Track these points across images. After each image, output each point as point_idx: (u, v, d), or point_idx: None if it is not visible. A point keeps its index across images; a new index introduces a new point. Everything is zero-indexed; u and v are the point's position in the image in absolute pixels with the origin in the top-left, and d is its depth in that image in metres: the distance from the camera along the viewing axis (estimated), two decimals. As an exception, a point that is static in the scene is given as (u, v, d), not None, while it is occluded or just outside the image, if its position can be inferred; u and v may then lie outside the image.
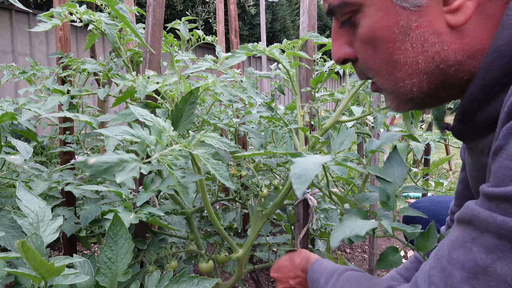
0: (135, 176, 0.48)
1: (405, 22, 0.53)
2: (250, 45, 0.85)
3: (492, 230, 0.43)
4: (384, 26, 0.55)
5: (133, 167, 0.49)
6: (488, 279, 0.44)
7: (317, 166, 0.53)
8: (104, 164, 0.46)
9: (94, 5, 1.15)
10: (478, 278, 0.45)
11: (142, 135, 0.57)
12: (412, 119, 0.89)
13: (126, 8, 0.91)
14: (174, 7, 8.75)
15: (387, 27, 0.54)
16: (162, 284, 0.80)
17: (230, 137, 1.93)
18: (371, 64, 0.59)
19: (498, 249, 0.43)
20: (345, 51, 0.62)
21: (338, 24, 0.62)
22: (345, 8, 0.58)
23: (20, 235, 0.85)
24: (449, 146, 3.49)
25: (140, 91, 0.92)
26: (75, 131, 1.49)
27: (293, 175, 0.51)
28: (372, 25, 0.56)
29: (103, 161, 0.46)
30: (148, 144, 0.56)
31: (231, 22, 2.14)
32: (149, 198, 0.87)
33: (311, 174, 0.51)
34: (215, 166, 0.68)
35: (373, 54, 0.58)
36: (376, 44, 0.56)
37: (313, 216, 1.12)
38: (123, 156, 0.49)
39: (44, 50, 6.14)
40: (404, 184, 0.77)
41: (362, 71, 0.62)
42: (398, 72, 0.56)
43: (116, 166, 0.47)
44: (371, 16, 0.56)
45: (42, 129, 4.24)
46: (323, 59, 1.48)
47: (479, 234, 0.45)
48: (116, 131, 0.55)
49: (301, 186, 0.50)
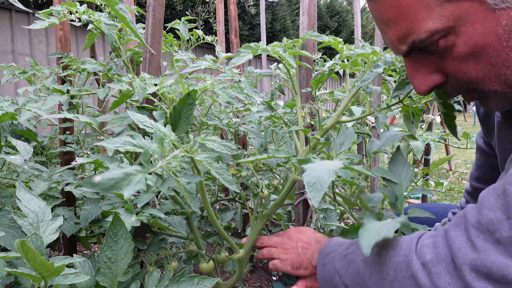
0: (143, 188, 0.48)
1: (507, 20, 0.55)
2: (253, 44, 0.85)
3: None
4: (486, 32, 0.56)
5: (139, 179, 0.48)
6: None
7: (331, 173, 0.53)
8: (110, 181, 0.45)
9: (94, 5, 1.15)
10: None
11: (144, 145, 0.56)
12: (413, 119, 0.89)
13: (125, 8, 0.91)
14: (174, 7, 8.74)
15: (490, 32, 0.56)
16: (162, 283, 0.80)
17: (230, 137, 1.93)
18: (474, 75, 0.60)
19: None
20: (432, 79, 0.63)
21: (415, 56, 0.62)
22: (432, 37, 0.58)
23: (20, 235, 0.85)
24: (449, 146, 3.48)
25: (139, 93, 0.92)
26: (75, 131, 1.49)
27: (306, 183, 0.50)
28: (472, 38, 0.57)
29: (109, 177, 0.45)
30: (151, 154, 0.55)
31: (231, 22, 2.14)
32: (149, 199, 0.87)
33: (326, 182, 0.51)
34: (218, 171, 0.68)
35: (475, 65, 0.59)
36: (479, 53, 0.57)
37: (313, 216, 1.12)
38: (127, 169, 0.48)
39: (44, 50, 6.14)
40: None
41: (458, 87, 0.63)
42: (507, 70, 0.58)
43: (122, 180, 0.46)
44: (468, 31, 0.57)
45: (42, 129, 4.24)
46: (323, 59, 1.48)
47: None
48: (117, 143, 0.55)
49: (316, 194, 0.50)
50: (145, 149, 0.55)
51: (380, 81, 1.44)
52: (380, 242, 0.67)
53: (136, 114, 0.69)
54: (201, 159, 0.67)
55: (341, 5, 15.03)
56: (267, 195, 1.14)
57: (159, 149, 0.58)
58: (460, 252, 0.55)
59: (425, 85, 0.63)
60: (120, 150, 0.91)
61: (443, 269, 0.57)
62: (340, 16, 14.82)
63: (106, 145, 0.53)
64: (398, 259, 0.63)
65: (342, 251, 0.78)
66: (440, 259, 0.58)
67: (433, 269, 0.58)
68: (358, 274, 0.70)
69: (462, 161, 5.79)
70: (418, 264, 0.60)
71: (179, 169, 0.59)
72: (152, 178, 0.50)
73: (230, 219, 1.66)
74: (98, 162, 0.92)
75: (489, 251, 0.52)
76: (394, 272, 0.63)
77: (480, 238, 0.54)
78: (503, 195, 0.53)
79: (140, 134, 0.93)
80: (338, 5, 14.89)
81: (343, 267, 0.75)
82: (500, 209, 0.52)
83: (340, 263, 0.76)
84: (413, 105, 0.89)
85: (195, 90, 0.86)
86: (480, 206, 0.56)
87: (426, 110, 2.31)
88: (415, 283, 0.59)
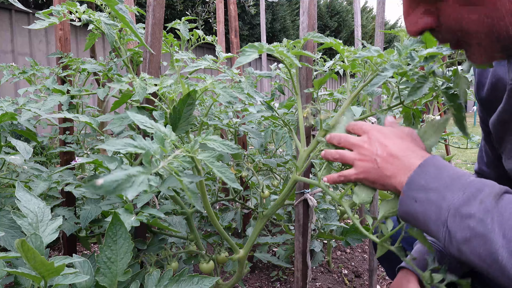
0: (145, 190, 0.48)
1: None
2: (257, 43, 0.85)
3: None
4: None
5: (141, 180, 0.48)
6: None
7: None
8: (113, 183, 0.45)
9: (94, 4, 1.15)
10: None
11: (145, 146, 0.56)
12: (413, 119, 0.89)
13: (125, 8, 0.91)
14: (174, 7, 8.74)
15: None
16: (162, 283, 0.80)
17: (230, 137, 1.92)
18: (465, 24, 0.57)
19: None
20: (425, 21, 0.61)
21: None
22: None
23: (19, 235, 0.84)
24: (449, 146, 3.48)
25: (139, 93, 0.92)
26: (75, 131, 1.49)
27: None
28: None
29: (111, 180, 0.45)
30: (152, 154, 0.55)
31: (231, 22, 2.14)
32: (149, 199, 0.87)
33: None
34: (220, 169, 0.68)
35: (469, 14, 0.56)
36: (475, 2, 0.55)
37: (313, 216, 1.12)
38: (130, 170, 0.48)
39: (44, 50, 6.14)
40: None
41: (449, 36, 0.61)
42: (501, 21, 0.54)
43: (125, 182, 0.46)
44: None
45: (42, 129, 4.24)
46: (323, 59, 1.48)
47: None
48: (118, 144, 0.55)
49: None
50: (147, 150, 0.55)
51: (380, 81, 1.44)
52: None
53: (136, 114, 0.69)
54: (203, 158, 0.67)
55: (341, 5, 15.04)
56: (268, 195, 1.14)
57: (161, 149, 0.58)
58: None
59: (416, 26, 0.62)
60: (121, 152, 0.91)
61: None
62: (340, 16, 14.83)
63: (107, 147, 0.53)
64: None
65: (460, 206, 0.56)
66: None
67: None
68: (493, 258, 0.53)
69: (462, 161, 5.79)
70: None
71: (181, 169, 0.59)
72: (155, 178, 0.50)
73: (231, 219, 1.66)
74: (98, 162, 0.92)
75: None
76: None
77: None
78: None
79: (140, 134, 0.93)
80: (338, 5, 14.90)
81: (461, 231, 0.56)
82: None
83: (456, 224, 0.56)
84: (413, 106, 0.89)
85: (195, 90, 0.86)
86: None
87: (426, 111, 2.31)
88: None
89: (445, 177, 0.60)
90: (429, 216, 0.60)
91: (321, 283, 1.93)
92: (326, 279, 1.98)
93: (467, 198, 0.56)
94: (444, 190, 0.59)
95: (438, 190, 0.59)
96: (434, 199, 0.59)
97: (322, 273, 2.04)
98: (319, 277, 1.99)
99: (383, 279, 2.06)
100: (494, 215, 0.53)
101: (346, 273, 2.07)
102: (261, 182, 1.20)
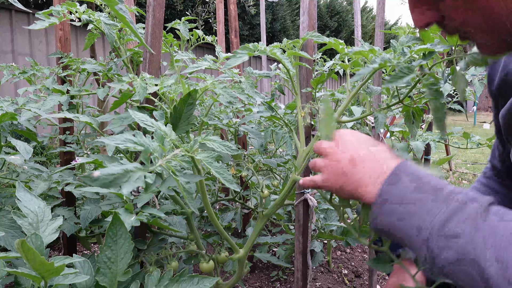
0: (141, 186, 0.48)
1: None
2: (251, 45, 0.85)
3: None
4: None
5: (138, 176, 0.49)
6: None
7: None
8: (109, 176, 0.46)
9: (94, 4, 1.15)
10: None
11: (145, 143, 0.57)
12: (413, 119, 0.89)
13: (125, 8, 0.91)
14: (174, 7, 8.74)
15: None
16: (162, 283, 0.80)
17: (230, 137, 1.93)
18: (462, 20, 0.58)
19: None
20: (430, 15, 0.62)
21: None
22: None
23: (19, 235, 0.84)
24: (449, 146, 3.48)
25: (140, 93, 0.92)
26: (75, 131, 1.49)
27: None
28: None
29: (108, 173, 0.45)
30: (151, 152, 0.55)
31: (231, 22, 2.14)
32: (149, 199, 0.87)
33: None
34: (218, 170, 0.68)
35: (466, 14, 0.57)
36: (473, 1, 0.55)
37: (313, 216, 1.12)
38: (127, 166, 0.48)
39: (44, 50, 6.13)
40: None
41: (454, 30, 0.62)
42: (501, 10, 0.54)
43: (121, 177, 0.47)
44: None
45: (42, 129, 4.24)
46: (323, 59, 1.48)
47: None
48: (118, 140, 0.55)
49: None
50: (146, 147, 0.55)
51: (380, 81, 1.44)
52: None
53: (137, 113, 0.69)
54: (201, 158, 0.67)
55: (341, 5, 15.03)
56: (268, 195, 1.14)
57: (160, 147, 0.58)
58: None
59: (421, 21, 0.63)
60: (121, 148, 0.91)
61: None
62: (340, 16, 14.83)
63: (106, 141, 0.53)
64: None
65: (444, 222, 0.49)
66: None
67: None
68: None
69: (462, 161, 5.79)
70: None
71: (179, 168, 0.59)
72: (152, 176, 0.51)
73: (231, 219, 1.66)
74: (98, 162, 0.92)
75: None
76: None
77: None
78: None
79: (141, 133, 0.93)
80: (338, 5, 14.89)
81: (446, 252, 0.49)
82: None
83: (440, 244, 0.49)
84: (413, 105, 0.89)
85: (196, 90, 0.86)
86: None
87: (426, 110, 2.31)
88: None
89: (424, 187, 0.54)
90: (406, 233, 0.53)
91: (321, 283, 1.94)
92: (326, 279, 1.98)
93: (451, 212, 0.50)
94: (424, 202, 0.52)
95: (416, 202, 0.53)
96: (413, 212, 0.52)
97: (322, 273, 2.04)
98: (319, 277, 1.99)
99: (383, 279, 2.06)
100: (485, 233, 0.47)
101: (346, 273, 2.07)
102: (261, 182, 1.20)
